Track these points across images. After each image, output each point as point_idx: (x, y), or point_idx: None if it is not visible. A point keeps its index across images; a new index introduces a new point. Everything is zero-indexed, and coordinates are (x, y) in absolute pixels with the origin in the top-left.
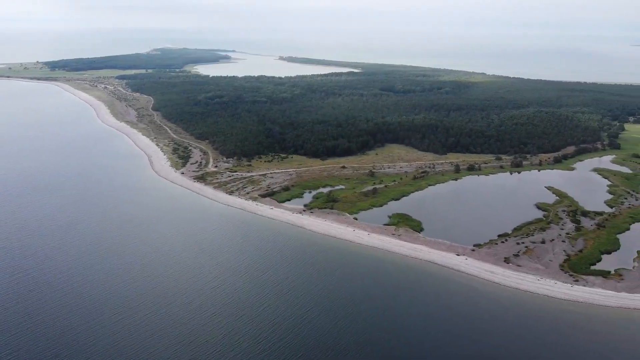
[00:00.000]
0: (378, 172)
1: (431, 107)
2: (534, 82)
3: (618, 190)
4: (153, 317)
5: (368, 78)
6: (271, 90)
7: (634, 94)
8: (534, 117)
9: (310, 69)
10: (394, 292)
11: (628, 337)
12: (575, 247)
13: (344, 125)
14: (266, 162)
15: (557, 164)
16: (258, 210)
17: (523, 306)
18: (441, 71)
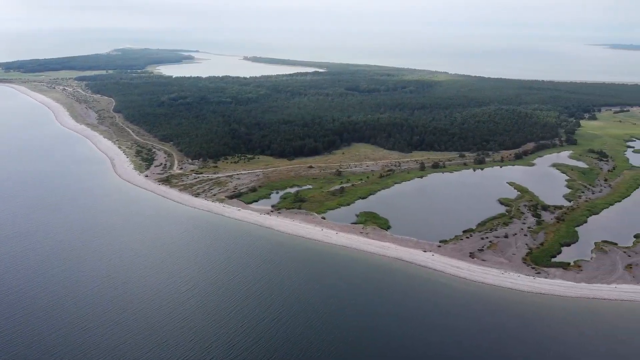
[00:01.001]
0: (345, 171)
1: (396, 106)
2: (494, 80)
3: (575, 185)
4: (121, 325)
5: (333, 78)
6: (236, 90)
7: (589, 91)
8: (495, 115)
9: (275, 69)
10: (363, 290)
11: (587, 325)
12: (537, 241)
13: (311, 125)
14: (232, 163)
15: (518, 160)
16: (225, 212)
17: (488, 299)
18: (405, 70)
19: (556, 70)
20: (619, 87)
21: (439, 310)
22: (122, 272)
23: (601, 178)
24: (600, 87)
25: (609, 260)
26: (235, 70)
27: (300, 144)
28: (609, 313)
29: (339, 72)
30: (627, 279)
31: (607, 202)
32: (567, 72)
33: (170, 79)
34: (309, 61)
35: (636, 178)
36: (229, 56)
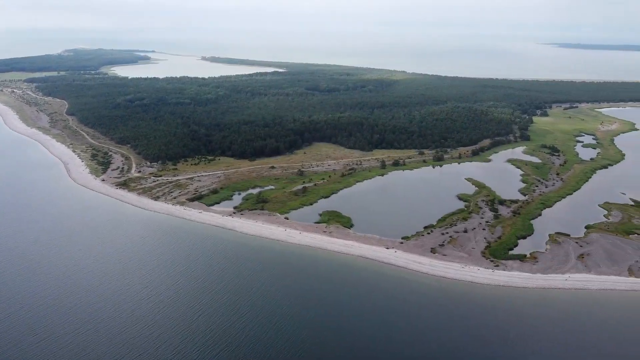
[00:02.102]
0: (307, 171)
1: (356, 105)
2: (450, 79)
3: (530, 179)
4: (79, 335)
5: (293, 77)
6: (195, 91)
7: (540, 89)
8: (452, 113)
9: (234, 69)
10: (328, 289)
11: (544, 315)
12: (495, 234)
13: (272, 125)
14: (193, 165)
15: (475, 156)
16: (186, 215)
17: (450, 293)
18: (364, 70)
19: (509, 69)
20: (568, 85)
21: (403, 306)
22: (79, 281)
23: (553, 172)
24: (551, 84)
25: (563, 251)
26: (193, 70)
27: (262, 145)
28: (563, 302)
29: (299, 72)
30: (580, 269)
31: (560, 195)
32: (519, 70)
33: (126, 80)
34: (268, 61)
35: (586, 171)
36: (186, 56)
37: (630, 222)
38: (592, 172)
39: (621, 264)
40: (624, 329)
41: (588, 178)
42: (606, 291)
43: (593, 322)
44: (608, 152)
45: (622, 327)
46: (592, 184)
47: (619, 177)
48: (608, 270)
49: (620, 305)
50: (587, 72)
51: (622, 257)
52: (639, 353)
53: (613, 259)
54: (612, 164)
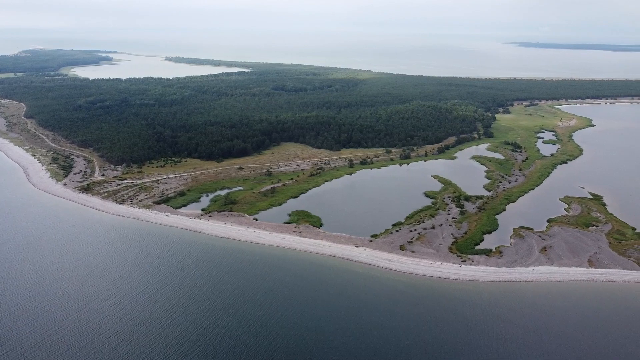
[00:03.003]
0: (275, 171)
1: (323, 104)
2: (415, 78)
3: (494, 175)
4: (43, 346)
5: (259, 77)
6: (159, 92)
7: (502, 87)
8: (418, 111)
9: (199, 70)
10: (299, 288)
11: (510, 307)
12: (461, 230)
13: (239, 125)
14: (158, 168)
15: (441, 154)
16: (153, 219)
17: (419, 289)
18: (330, 69)
19: (472, 67)
20: (528, 83)
21: (374, 303)
22: (42, 291)
23: (516, 168)
24: (512, 82)
25: (526, 244)
26: (157, 71)
27: (229, 145)
28: (528, 293)
29: (265, 71)
30: (543, 261)
31: (522, 190)
32: (482, 69)
33: (87, 81)
34: (234, 61)
35: (547, 167)
36: (150, 56)
37: (589, 214)
38: (553, 167)
39: (581, 256)
40: (586, 317)
41: (549, 173)
42: (568, 282)
43: (557, 312)
44: (567, 148)
45: (584, 315)
46: (552, 178)
47: (578, 172)
48: (569, 262)
49: (581, 295)
50: (546, 71)
51: (582, 248)
52: (600, 340)
53: (574, 250)
54: (571, 159)
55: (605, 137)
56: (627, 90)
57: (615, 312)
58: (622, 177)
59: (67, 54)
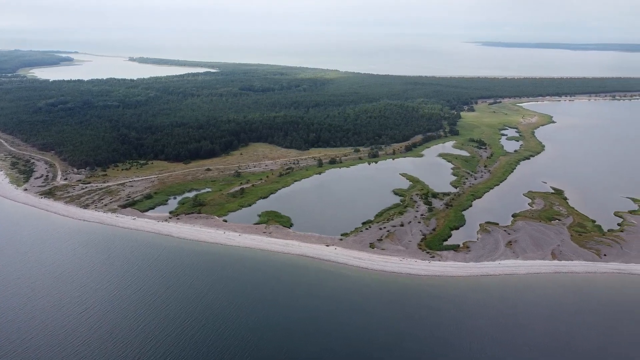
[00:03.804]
0: (244, 172)
1: (291, 104)
2: (382, 77)
3: (460, 172)
4: (10, 357)
5: (226, 78)
6: (123, 93)
7: (466, 85)
8: (385, 110)
9: (164, 70)
10: (271, 289)
11: (479, 300)
12: (429, 227)
13: (206, 126)
14: (124, 170)
15: (408, 152)
16: (119, 222)
17: (390, 286)
18: (298, 69)
19: (437, 66)
20: (492, 81)
21: (346, 301)
22: (4, 301)
23: (481, 165)
24: (476, 81)
25: (493, 239)
26: (120, 71)
27: (196, 147)
28: (496, 287)
29: (232, 71)
30: (509, 255)
31: (488, 186)
32: (446, 68)
33: (47, 82)
34: (200, 61)
35: (510, 163)
36: (113, 57)
37: (551, 209)
38: (516, 163)
39: (545, 249)
40: (551, 308)
41: (513, 169)
42: (533, 274)
43: (523, 304)
44: (530, 144)
45: (548, 306)
46: (516, 174)
47: (540, 167)
48: (534, 255)
49: (545, 286)
50: (509, 69)
51: (546, 242)
52: (564, 329)
53: (538, 244)
54: (534, 155)
55: (565, 133)
56: (585, 87)
57: (578, 302)
58: (581, 172)
59: (26, 54)
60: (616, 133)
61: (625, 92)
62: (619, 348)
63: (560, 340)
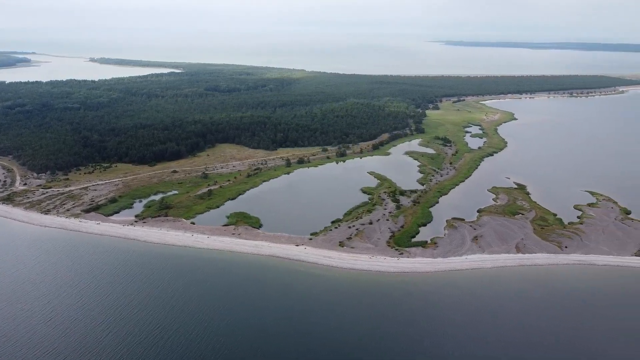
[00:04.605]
0: (211, 173)
1: (258, 104)
2: (349, 76)
3: (426, 170)
4: None
5: (191, 78)
6: (84, 95)
7: (431, 84)
8: (352, 109)
9: (126, 71)
10: (242, 291)
11: (447, 295)
12: (398, 224)
13: (171, 127)
14: (87, 174)
15: (376, 150)
16: (82, 228)
17: (360, 284)
18: (264, 69)
19: (402, 66)
20: (455, 80)
21: (316, 301)
22: None
23: (447, 162)
24: (440, 80)
25: (459, 234)
26: (81, 73)
27: (162, 149)
28: (463, 281)
29: (197, 72)
30: (475, 250)
31: (453, 183)
32: (411, 67)
33: (3, 84)
34: (163, 61)
35: (475, 160)
36: (73, 58)
37: (515, 203)
38: (481, 159)
39: (509, 242)
40: (516, 300)
41: (477, 165)
42: (498, 268)
43: (490, 297)
44: (493, 141)
45: (514, 298)
46: (481, 170)
47: (503, 163)
48: (499, 249)
49: (511, 279)
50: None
51: (510, 236)
52: (529, 320)
53: (502, 238)
54: (497, 152)
55: (526, 130)
56: (544, 85)
57: (541, 293)
58: (542, 167)
59: None
60: (574, 129)
61: (582, 90)
62: (581, 335)
63: (525, 331)
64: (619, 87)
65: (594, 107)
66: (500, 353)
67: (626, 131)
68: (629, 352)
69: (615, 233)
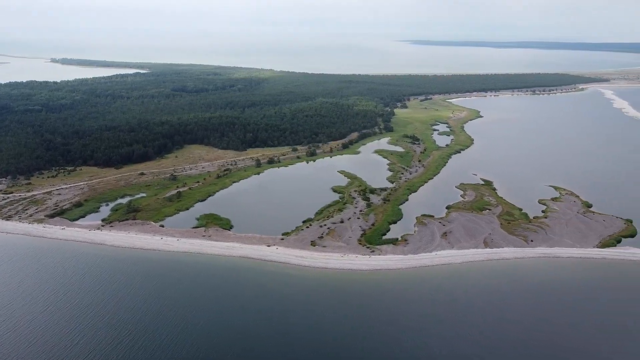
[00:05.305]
0: (180, 175)
1: (226, 104)
2: (317, 76)
3: (396, 168)
4: None
5: (157, 78)
6: (46, 96)
7: (399, 82)
8: (321, 109)
9: (90, 72)
10: (215, 293)
11: (418, 291)
12: (369, 222)
13: (138, 129)
14: (50, 178)
15: (345, 149)
16: (47, 233)
17: (333, 283)
18: (232, 69)
19: (370, 65)
20: (422, 78)
21: (289, 301)
22: None
23: (415, 159)
24: (408, 78)
25: (429, 231)
26: (42, 74)
27: (128, 151)
28: (434, 277)
29: (163, 72)
30: (444, 246)
31: (422, 180)
32: (379, 66)
33: None
34: (129, 62)
35: (443, 157)
36: (32, 59)
37: (482, 199)
38: (448, 157)
39: (477, 238)
40: (484, 293)
41: (445, 163)
42: (468, 263)
43: (459, 292)
44: (460, 138)
45: (482, 292)
46: (448, 168)
47: (470, 160)
48: (467, 244)
49: (479, 273)
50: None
51: (478, 231)
52: (497, 312)
53: (471, 234)
54: (464, 149)
55: (492, 127)
56: (508, 83)
57: (509, 286)
58: (508, 163)
59: None
60: (537, 125)
61: (544, 87)
62: (548, 327)
63: (494, 324)
64: (578, 84)
65: (555, 104)
66: (472, 347)
67: (586, 128)
68: (592, 340)
69: (578, 226)
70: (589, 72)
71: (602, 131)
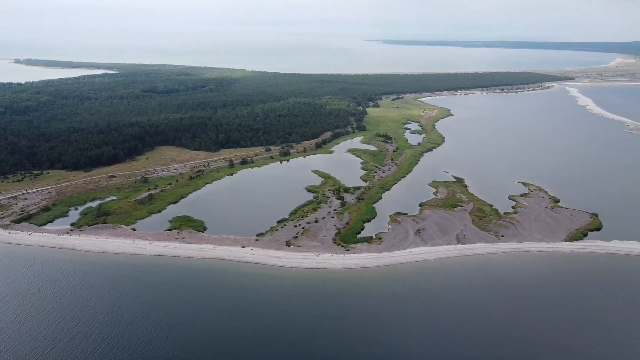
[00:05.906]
0: (152, 177)
1: (198, 105)
2: (289, 75)
3: (369, 166)
4: None
5: (126, 79)
6: (10, 98)
7: (370, 82)
8: (293, 108)
9: (56, 73)
10: (190, 296)
11: (393, 288)
12: (343, 221)
13: (107, 131)
14: (15, 183)
15: (319, 149)
16: (13, 239)
17: (308, 282)
18: (203, 69)
19: (342, 64)
20: (394, 77)
21: (265, 302)
22: None
23: (388, 158)
24: (379, 77)
25: (402, 229)
26: (5, 75)
27: (97, 153)
28: (408, 274)
29: (132, 72)
30: (418, 243)
31: (395, 178)
32: (351, 65)
33: None
34: (96, 62)
35: (415, 155)
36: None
37: (454, 196)
38: (420, 155)
39: (450, 234)
40: (457, 289)
41: (417, 161)
42: (441, 259)
43: (433, 288)
44: (431, 137)
45: (456, 289)
46: (421, 165)
47: (442, 158)
48: (440, 241)
49: (453, 269)
50: (409, 66)
51: (451, 227)
52: (470, 308)
53: (443, 230)
54: (436, 147)
55: (462, 125)
56: (477, 82)
57: (481, 282)
58: (478, 160)
59: None
60: (506, 123)
61: (512, 86)
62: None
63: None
64: (545, 82)
65: (523, 102)
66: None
67: (553, 125)
68: (562, 332)
69: (547, 220)
70: (555, 70)
71: (568, 128)
